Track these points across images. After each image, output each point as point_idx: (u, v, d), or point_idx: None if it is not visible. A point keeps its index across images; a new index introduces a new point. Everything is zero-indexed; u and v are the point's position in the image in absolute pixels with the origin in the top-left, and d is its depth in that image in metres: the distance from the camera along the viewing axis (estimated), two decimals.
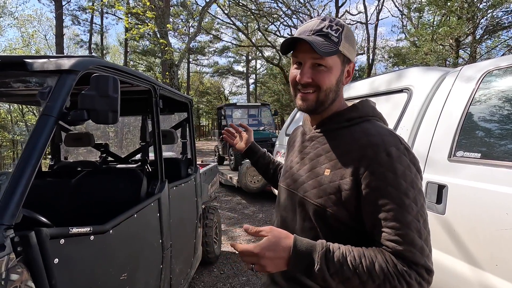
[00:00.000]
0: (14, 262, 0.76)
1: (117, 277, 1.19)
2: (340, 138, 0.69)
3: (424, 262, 0.57)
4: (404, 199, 0.58)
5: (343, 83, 0.73)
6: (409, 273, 0.56)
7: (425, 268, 0.57)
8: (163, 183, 1.71)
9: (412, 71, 2.17)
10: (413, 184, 0.60)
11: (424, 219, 0.60)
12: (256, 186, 5.51)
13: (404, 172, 0.59)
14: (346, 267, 0.57)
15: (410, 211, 0.58)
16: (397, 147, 0.61)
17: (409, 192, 0.59)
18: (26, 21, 19.83)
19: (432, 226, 1.62)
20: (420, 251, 0.57)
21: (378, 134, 0.64)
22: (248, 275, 2.82)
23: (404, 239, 0.56)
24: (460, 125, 1.58)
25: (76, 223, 1.08)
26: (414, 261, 0.56)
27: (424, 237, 0.58)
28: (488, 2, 10.50)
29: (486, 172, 1.37)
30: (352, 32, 0.72)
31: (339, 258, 0.57)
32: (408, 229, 0.57)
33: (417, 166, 0.63)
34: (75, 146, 2.43)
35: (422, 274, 0.56)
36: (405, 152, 0.62)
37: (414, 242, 0.56)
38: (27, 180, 0.84)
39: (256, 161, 1.14)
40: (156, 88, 1.70)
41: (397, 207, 0.57)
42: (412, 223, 0.57)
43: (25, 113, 15.80)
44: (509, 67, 1.50)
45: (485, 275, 1.33)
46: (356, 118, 0.71)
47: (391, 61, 21.48)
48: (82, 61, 1.06)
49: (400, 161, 0.60)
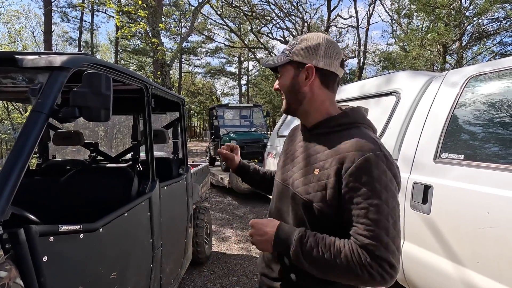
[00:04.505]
0: (3, 259, 0.76)
1: (107, 276, 1.18)
2: (330, 142, 0.76)
3: (387, 256, 0.62)
4: (376, 200, 0.64)
5: (304, 85, 0.79)
6: (372, 265, 0.62)
7: (388, 262, 0.62)
8: (154, 183, 1.71)
9: (401, 75, 2.23)
10: (387, 188, 0.66)
11: (394, 220, 0.65)
12: (247, 187, 5.52)
13: (380, 176, 0.66)
14: (315, 251, 0.66)
15: (380, 211, 0.64)
16: (376, 153, 0.67)
17: (382, 194, 0.65)
18: (12, 16, 19.33)
19: (418, 225, 1.67)
20: (385, 247, 0.62)
21: (361, 140, 0.70)
22: (238, 275, 2.83)
23: (371, 234, 0.63)
24: (445, 128, 1.63)
25: (66, 221, 1.07)
26: (378, 255, 0.62)
27: (391, 235, 0.64)
28: (474, 10, 10.84)
29: (469, 173, 1.42)
30: (314, 42, 0.78)
31: (311, 243, 0.67)
32: (376, 227, 0.63)
33: (394, 172, 0.69)
34: (64, 144, 2.39)
35: (385, 268, 0.62)
36: (383, 159, 0.68)
37: (380, 238, 0.63)
38: (16, 177, 0.83)
39: (251, 177, 1.15)
40: (148, 87, 1.70)
41: (369, 206, 0.64)
42: (381, 221, 0.63)
43: (11, 111, 15.38)
44: (492, 72, 1.56)
45: (467, 272, 1.38)
46: (346, 124, 0.78)
47: (381, 65, 21.87)
48: (74, 58, 1.06)
49: (377, 166, 0.66)
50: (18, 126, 14.39)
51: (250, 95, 33.05)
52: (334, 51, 0.78)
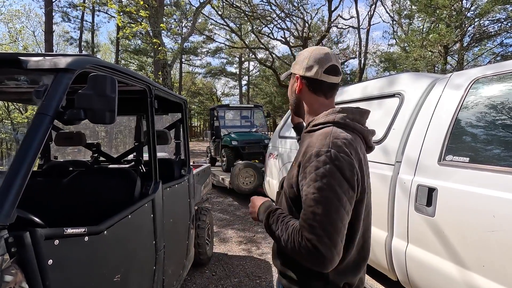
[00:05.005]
0: (8, 263, 0.75)
1: (111, 279, 1.18)
2: (306, 140, 0.88)
3: (311, 238, 0.72)
4: (314, 191, 0.75)
5: (296, 91, 0.96)
6: (301, 243, 0.74)
7: (312, 244, 0.72)
8: (157, 184, 1.70)
9: (404, 77, 2.23)
10: (323, 180, 0.75)
11: (327, 209, 0.73)
12: (249, 188, 5.52)
13: (322, 171, 0.75)
14: (274, 224, 0.84)
15: (313, 199, 0.74)
16: (327, 150, 0.77)
17: (317, 185, 0.75)
18: (13, 16, 19.32)
19: (421, 228, 1.66)
20: (310, 230, 0.73)
21: (320, 139, 0.81)
22: (240, 277, 2.82)
23: (303, 217, 0.76)
24: (450, 130, 1.63)
25: (69, 223, 1.07)
26: (304, 235, 0.74)
27: (319, 221, 0.73)
28: (475, 11, 10.83)
29: (475, 176, 1.41)
30: (303, 56, 0.95)
31: (274, 218, 0.85)
32: (307, 212, 0.75)
33: (341, 170, 0.75)
34: (66, 145, 2.38)
35: (309, 248, 0.73)
36: (330, 156, 0.76)
37: (308, 222, 0.74)
38: (22, 179, 0.82)
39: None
40: (151, 88, 1.70)
41: (307, 194, 0.76)
42: (311, 208, 0.74)
43: (11, 111, 15.38)
44: (497, 75, 1.56)
45: (472, 276, 1.37)
46: (319, 125, 0.88)
47: (382, 66, 21.86)
48: (79, 60, 1.05)
49: (323, 162, 0.76)
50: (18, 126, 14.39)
51: (250, 95, 33.04)
52: (317, 61, 0.91)
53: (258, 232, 4.07)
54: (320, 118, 0.89)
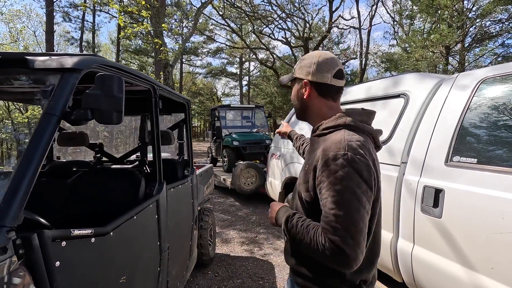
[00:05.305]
0: (16, 265, 0.74)
1: (117, 280, 1.17)
2: (318, 143, 0.89)
3: (335, 240, 0.73)
4: (334, 194, 0.75)
5: (304, 96, 0.96)
6: (324, 245, 0.75)
7: (336, 245, 0.73)
8: (162, 185, 1.69)
9: (409, 77, 2.21)
10: (343, 182, 0.75)
11: (348, 211, 0.74)
12: (250, 188, 5.50)
13: (341, 174, 0.75)
14: (294, 229, 0.84)
15: (334, 202, 0.75)
16: (344, 154, 0.77)
17: (337, 187, 0.75)
18: (14, 16, 19.31)
19: (428, 229, 1.65)
20: (334, 232, 0.73)
21: (335, 142, 0.81)
22: (243, 278, 2.81)
23: (325, 220, 0.76)
24: (457, 131, 1.61)
25: (74, 224, 1.06)
26: (328, 237, 0.74)
27: (342, 222, 0.73)
28: (477, 12, 10.81)
29: (482, 177, 1.40)
30: (309, 61, 0.95)
31: (293, 223, 0.85)
32: (330, 214, 0.75)
33: (359, 171, 0.76)
34: (69, 145, 2.37)
35: (331, 247, 0.73)
36: (348, 159, 0.76)
37: (331, 224, 0.74)
38: (29, 180, 0.81)
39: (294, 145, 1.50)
40: (156, 88, 1.69)
41: (328, 197, 0.76)
42: (334, 210, 0.74)
43: (11, 110, 15.37)
44: (504, 75, 1.55)
45: (481, 278, 1.36)
46: (330, 128, 0.89)
47: (383, 66, 21.83)
48: (85, 60, 1.04)
49: (341, 166, 0.76)
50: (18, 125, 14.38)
51: (251, 96, 33.02)
52: (326, 66, 0.92)
53: (260, 233, 4.06)
54: (330, 122, 0.90)
